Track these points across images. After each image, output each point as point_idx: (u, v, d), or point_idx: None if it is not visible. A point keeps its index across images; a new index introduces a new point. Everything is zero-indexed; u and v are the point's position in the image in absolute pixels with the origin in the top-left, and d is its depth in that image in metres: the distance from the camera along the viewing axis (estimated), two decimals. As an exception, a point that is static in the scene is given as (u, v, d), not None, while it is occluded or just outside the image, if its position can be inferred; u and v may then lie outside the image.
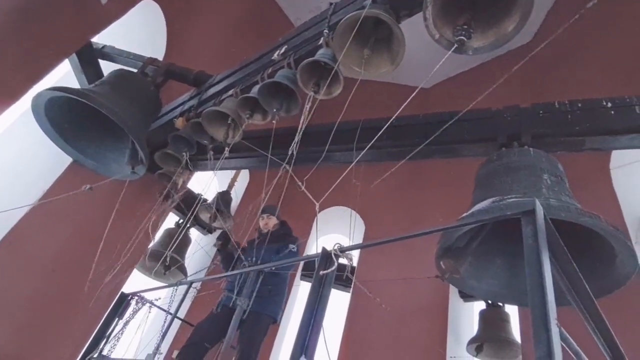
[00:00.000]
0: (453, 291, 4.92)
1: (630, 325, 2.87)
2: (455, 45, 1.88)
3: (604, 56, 4.55)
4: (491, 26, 1.88)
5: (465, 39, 1.85)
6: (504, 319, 4.36)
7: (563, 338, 0.97)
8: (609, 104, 2.62)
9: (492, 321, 4.36)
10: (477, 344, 4.26)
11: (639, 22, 4.37)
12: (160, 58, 4.62)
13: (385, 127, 2.34)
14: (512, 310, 4.35)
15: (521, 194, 2.22)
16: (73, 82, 3.92)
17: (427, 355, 4.39)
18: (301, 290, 5.75)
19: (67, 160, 3.83)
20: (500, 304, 4.27)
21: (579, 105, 2.74)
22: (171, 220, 5.01)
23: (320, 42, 2.58)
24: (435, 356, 4.34)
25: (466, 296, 4.92)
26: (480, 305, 4.61)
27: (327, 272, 1.58)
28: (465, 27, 1.83)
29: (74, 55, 3.74)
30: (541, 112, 2.84)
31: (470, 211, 2.34)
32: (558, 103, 2.81)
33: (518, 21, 1.77)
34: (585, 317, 1.54)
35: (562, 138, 2.74)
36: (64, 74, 4.12)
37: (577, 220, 1.93)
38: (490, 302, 4.36)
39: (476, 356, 4.28)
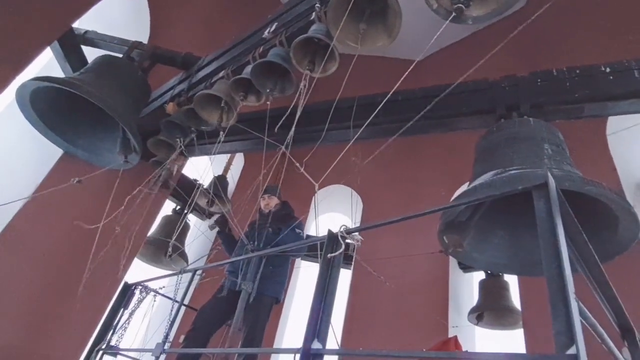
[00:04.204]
0: (453, 263, 4.98)
1: (632, 290, 2.93)
2: (454, 14, 1.81)
3: (600, 19, 4.48)
4: (491, -7, 1.81)
5: (464, 7, 1.79)
6: (504, 287, 4.44)
7: (580, 311, 0.97)
8: (608, 69, 2.58)
9: (492, 290, 4.44)
10: (478, 312, 4.35)
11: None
12: (145, 41, 4.47)
13: (383, 103, 2.29)
14: (511, 278, 4.42)
15: (523, 165, 2.21)
16: (57, 71, 3.78)
17: (429, 326, 4.47)
18: (302, 270, 5.79)
19: (58, 152, 3.74)
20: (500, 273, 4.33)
21: (577, 71, 2.70)
22: (168, 207, 4.97)
23: (313, 17, 2.49)
24: (437, 327, 4.42)
25: (466, 267, 4.99)
26: (479, 275, 4.68)
27: (334, 255, 1.56)
28: (464, -6, 1.77)
29: (55, 43, 3.60)
30: (539, 80, 2.80)
31: (472, 185, 2.32)
32: (556, 70, 2.76)
33: (519, -13, 1.71)
34: (592, 285, 1.55)
35: (561, 106, 2.71)
36: (46, 63, 3.97)
37: (581, 189, 1.92)
38: (490, 272, 4.42)
39: (477, 324, 4.38)
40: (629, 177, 3.72)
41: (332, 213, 6.41)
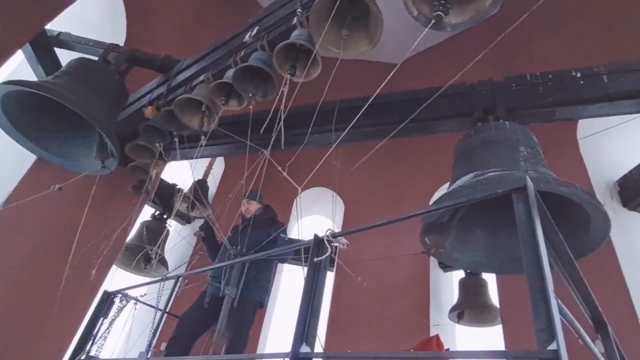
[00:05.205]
0: (433, 262, 5.07)
1: (604, 286, 3.06)
2: (433, 22, 1.86)
3: (571, 25, 4.66)
4: (469, 1, 1.87)
5: (443, 15, 1.84)
6: (482, 285, 4.55)
7: (559, 309, 1.01)
8: (578, 74, 2.69)
9: (471, 288, 4.55)
10: (458, 311, 4.44)
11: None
12: (121, 44, 4.38)
13: (365, 107, 2.32)
14: (489, 276, 4.54)
15: (500, 167, 2.28)
16: (29, 74, 3.67)
17: (412, 325, 4.55)
18: (285, 273, 5.78)
19: (31, 158, 3.62)
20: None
21: (550, 76, 2.81)
22: (146, 212, 4.87)
23: (294, 22, 2.50)
24: (419, 326, 4.50)
25: (446, 266, 5.09)
26: (459, 274, 4.78)
27: (321, 259, 1.58)
28: (443, 2, 1.82)
29: (27, 45, 3.48)
30: (514, 85, 2.89)
31: (452, 187, 2.38)
32: (530, 75, 2.87)
33: (496, -5, 1.77)
34: (568, 281, 1.62)
35: (535, 110, 2.82)
36: (17, 66, 3.85)
37: (556, 190, 2.00)
38: (469, 270, 4.53)
39: (458, 322, 4.48)
40: (600, 177, 3.88)
41: (314, 215, 6.43)
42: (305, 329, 1.45)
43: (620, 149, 4.06)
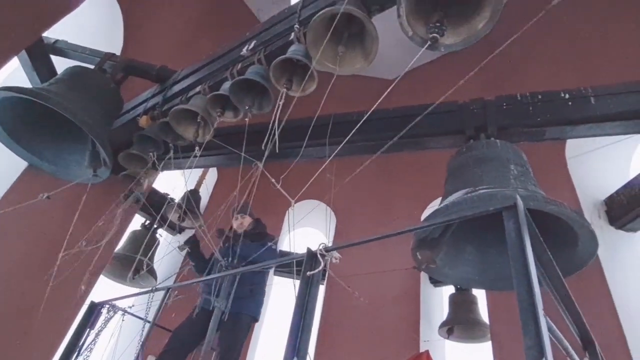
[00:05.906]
0: (424, 277, 5.08)
1: (592, 304, 3.09)
2: (429, 43, 1.91)
3: (559, 46, 4.80)
4: (462, 23, 1.92)
5: (439, 36, 1.89)
6: (472, 301, 4.57)
7: (548, 327, 1.03)
8: (567, 96, 2.77)
9: (461, 304, 4.56)
10: (448, 327, 4.45)
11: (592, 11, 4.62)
12: (117, 53, 4.40)
13: (361, 122, 2.35)
14: (479, 292, 4.55)
15: (491, 184, 2.32)
16: (23, 81, 3.65)
17: (402, 341, 4.53)
18: (275, 286, 5.73)
19: (23, 164, 3.59)
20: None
21: (539, 97, 2.88)
22: (136, 222, 4.83)
23: (291, 37, 2.54)
24: (409, 341, 4.48)
25: (436, 281, 5.11)
26: (449, 289, 4.79)
27: (314, 273, 1.58)
28: (439, 24, 1.87)
29: (22, 52, 3.48)
30: (505, 104, 2.96)
31: (444, 203, 2.41)
32: (520, 95, 2.94)
33: (488, 18, 1.83)
34: (556, 299, 1.65)
35: (525, 129, 2.87)
36: (11, 72, 3.84)
37: (544, 208, 2.03)
38: (459, 286, 4.54)
39: (447, 338, 4.47)
40: (587, 196, 3.95)
41: (305, 228, 6.41)
42: (296, 344, 1.45)
43: (607, 169, 4.16)
